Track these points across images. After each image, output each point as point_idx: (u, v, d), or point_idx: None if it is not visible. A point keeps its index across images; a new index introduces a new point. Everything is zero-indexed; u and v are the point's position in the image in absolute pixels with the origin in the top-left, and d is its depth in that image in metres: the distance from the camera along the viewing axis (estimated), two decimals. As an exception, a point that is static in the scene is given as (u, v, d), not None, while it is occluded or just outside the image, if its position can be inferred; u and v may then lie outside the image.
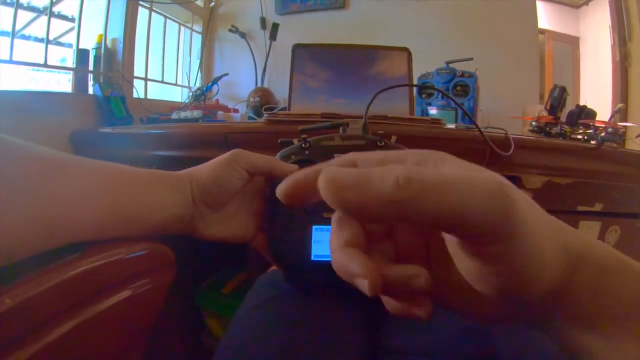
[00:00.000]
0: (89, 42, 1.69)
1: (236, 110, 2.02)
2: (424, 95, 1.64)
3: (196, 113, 1.52)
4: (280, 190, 0.26)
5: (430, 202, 0.20)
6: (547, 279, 0.24)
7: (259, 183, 0.54)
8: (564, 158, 1.12)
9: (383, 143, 0.52)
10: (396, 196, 0.20)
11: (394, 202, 0.20)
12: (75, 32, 1.62)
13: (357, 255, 0.25)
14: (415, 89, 1.56)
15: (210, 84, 1.91)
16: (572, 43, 2.68)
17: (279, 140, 0.61)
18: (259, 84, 2.24)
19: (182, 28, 2.29)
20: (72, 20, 1.65)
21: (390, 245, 0.30)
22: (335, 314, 0.52)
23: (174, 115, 1.55)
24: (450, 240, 0.26)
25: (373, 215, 0.21)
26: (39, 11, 1.52)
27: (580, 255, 0.26)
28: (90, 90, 1.64)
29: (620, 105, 1.66)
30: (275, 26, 2.17)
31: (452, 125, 1.23)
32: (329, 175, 0.21)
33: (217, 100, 2.09)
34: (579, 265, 0.26)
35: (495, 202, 0.20)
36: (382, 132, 0.53)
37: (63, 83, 1.69)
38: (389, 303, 0.29)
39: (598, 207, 1.15)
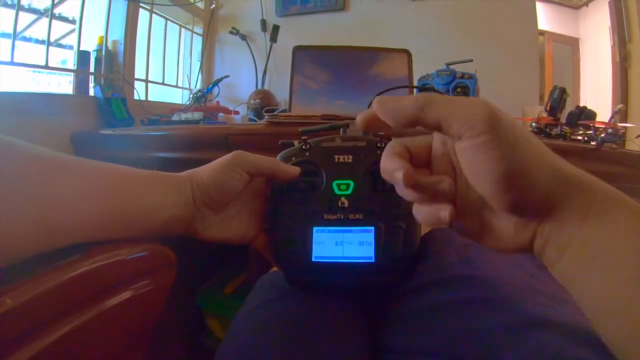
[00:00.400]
0: (90, 44, 1.70)
1: (237, 112, 2.02)
2: (424, 97, 1.64)
3: (197, 115, 1.52)
4: (358, 120, 0.37)
5: (434, 108, 0.31)
6: (537, 184, 0.31)
7: (259, 184, 0.54)
8: (564, 159, 1.12)
9: (383, 144, 0.52)
10: (415, 104, 0.31)
11: (414, 109, 0.31)
12: (76, 33, 1.62)
13: (399, 158, 0.35)
14: (415, 92, 1.56)
15: (210, 85, 1.92)
16: (572, 44, 2.68)
17: (279, 142, 0.61)
18: (259, 86, 2.24)
19: (183, 30, 2.29)
20: (73, 22, 1.65)
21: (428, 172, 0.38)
22: (337, 315, 0.52)
23: (175, 117, 1.56)
24: (459, 150, 0.33)
25: (404, 118, 0.32)
26: (40, 13, 1.52)
27: (568, 179, 0.32)
28: (91, 92, 1.64)
29: (620, 106, 1.66)
30: (275, 28, 2.17)
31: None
32: (378, 98, 0.34)
33: (218, 102, 2.09)
34: (569, 188, 0.32)
35: (477, 108, 0.30)
36: (382, 133, 0.54)
37: (64, 85, 1.69)
38: (419, 212, 0.37)
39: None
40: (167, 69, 2.18)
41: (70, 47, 1.65)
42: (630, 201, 0.31)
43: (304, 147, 0.53)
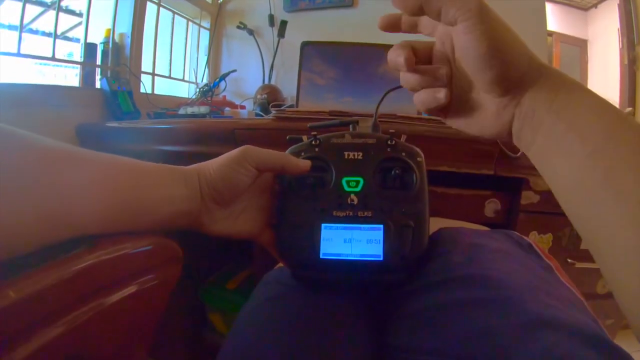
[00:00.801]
0: (97, 37, 1.69)
1: (243, 107, 2.01)
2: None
3: (203, 109, 1.52)
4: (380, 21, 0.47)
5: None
6: (515, 63, 0.39)
7: (267, 179, 0.54)
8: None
9: (393, 142, 0.52)
10: None
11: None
12: (83, 26, 1.62)
13: (402, 48, 0.43)
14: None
15: (217, 80, 1.91)
16: (580, 45, 2.67)
17: (287, 137, 0.61)
18: (266, 81, 2.24)
19: (190, 24, 2.29)
20: (80, 15, 1.65)
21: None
22: (343, 311, 0.52)
23: (181, 111, 1.55)
24: (454, 33, 0.40)
25: (414, 5, 0.38)
26: (47, 5, 1.52)
27: (542, 65, 0.40)
28: (98, 85, 1.64)
29: (628, 109, 1.65)
30: (283, 23, 2.16)
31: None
32: None
33: (224, 96, 2.09)
34: (542, 72, 0.40)
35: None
36: (393, 130, 0.53)
37: (70, 78, 1.69)
38: (419, 96, 0.45)
39: (605, 211, 1.14)
40: (174, 63, 2.17)
41: (77, 40, 1.65)
42: (591, 90, 0.38)
43: (313, 142, 0.53)
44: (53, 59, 1.48)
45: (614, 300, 0.34)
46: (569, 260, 1.15)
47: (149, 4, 1.85)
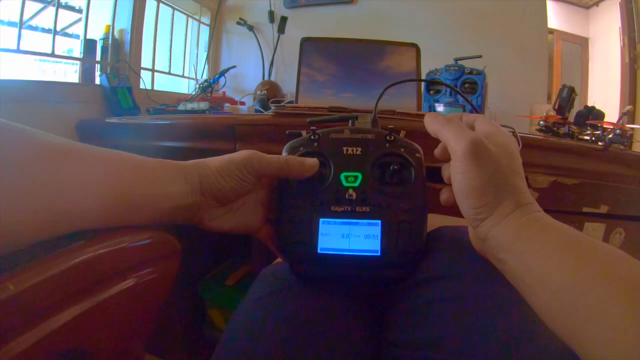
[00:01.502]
0: (96, 33, 1.70)
1: (243, 103, 2.02)
2: (431, 92, 1.63)
3: (203, 105, 1.52)
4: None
5: (442, 134, 0.46)
6: (491, 203, 0.42)
7: None
8: (571, 158, 1.11)
9: (392, 137, 0.52)
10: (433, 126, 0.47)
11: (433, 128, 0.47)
12: (82, 22, 1.62)
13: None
14: (423, 86, 1.55)
15: (217, 76, 1.91)
16: (581, 44, 2.66)
17: (287, 132, 0.61)
18: (266, 77, 2.24)
19: (190, 20, 2.29)
20: (79, 11, 1.65)
21: None
22: (341, 306, 0.52)
23: (181, 107, 1.55)
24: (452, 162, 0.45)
25: (431, 132, 0.48)
26: (46, 2, 1.52)
27: (519, 203, 0.42)
28: (97, 81, 1.65)
29: (628, 107, 1.65)
30: (283, 19, 2.16)
31: (459, 123, 1.22)
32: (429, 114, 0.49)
33: (224, 92, 2.09)
34: (517, 210, 0.42)
35: (462, 143, 0.42)
36: (392, 126, 0.53)
37: (70, 74, 1.69)
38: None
39: (603, 209, 1.14)
40: (174, 59, 2.18)
41: (77, 37, 1.65)
42: (560, 227, 0.41)
43: (312, 137, 0.53)
44: (53, 55, 1.48)
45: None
46: (567, 257, 1.15)
47: (148, 0, 1.85)
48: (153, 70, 1.98)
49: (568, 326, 0.34)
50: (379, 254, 0.47)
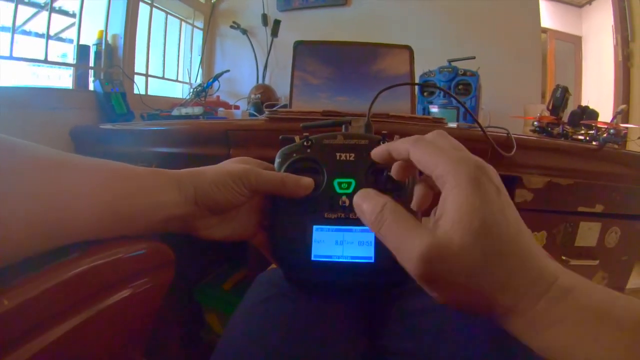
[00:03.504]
0: (89, 38, 1.69)
1: (237, 107, 2.01)
2: (425, 94, 1.64)
3: (197, 109, 1.52)
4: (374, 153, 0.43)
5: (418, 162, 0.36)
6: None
7: None
8: (566, 159, 1.12)
9: (385, 143, 0.52)
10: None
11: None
12: (76, 27, 1.61)
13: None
14: (417, 88, 1.55)
15: (211, 80, 1.91)
16: (574, 42, 2.67)
17: (280, 137, 0.60)
18: (260, 81, 2.24)
19: (184, 24, 2.28)
20: (72, 15, 1.65)
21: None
22: (335, 313, 0.52)
23: (175, 112, 1.55)
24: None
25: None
26: (39, 7, 1.51)
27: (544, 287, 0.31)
28: (91, 87, 1.64)
29: (622, 106, 1.66)
30: (277, 23, 2.16)
31: (453, 124, 1.23)
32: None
33: (218, 96, 2.09)
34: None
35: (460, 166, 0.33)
36: (386, 132, 0.53)
37: (64, 78, 1.68)
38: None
39: (599, 208, 1.15)
40: (167, 63, 2.17)
41: (70, 41, 1.64)
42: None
43: (305, 143, 0.52)
44: (46, 61, 1.47)
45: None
46: (563, 258, 1.16)
47: (141, 4, 1.85)
48: (147, 75, 1.98)
49: None
50: (372, 260, 0.47)
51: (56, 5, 1.53)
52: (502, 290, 0.31)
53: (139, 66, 1.90)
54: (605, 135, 1.18)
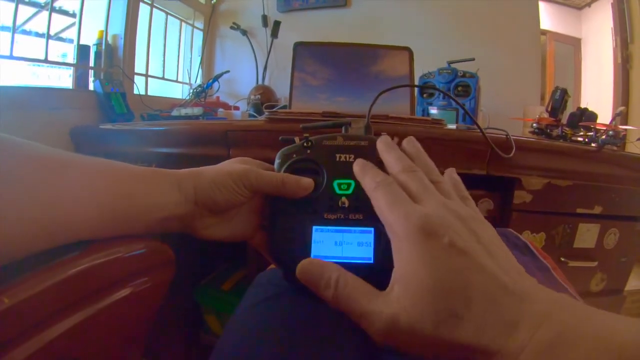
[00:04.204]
0: (90, 38, 1.69)
1: (237, 108, 2.02)
2: (425, 95, 1.64)
3: (197, 110, 1.52)
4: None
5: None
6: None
7: None
8: (565, 160, 1.12)
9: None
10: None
11: None
12: (76, 27, 1.61)
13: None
14: (416, 89, 1.56)
15: (211, 81, 1.91)
16: (574, 44, 2.68)
17: (280, 138, 0.61)
18: (259, 82, 2.24)
19: (184, 24, 2.28)
20: (73, 15, 1.65)
21: None
22: (334, 314, 0.52)
23: (175, 112, 1.55)
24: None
25: None
26: (39, 6, 1.51)
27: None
28: (91, 87, 1.64)
29: (621, 108, 1.66)
30: (277, 24, 2.17)
31: (452, 126, 1.23)
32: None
33: (218, 97, 2.09)
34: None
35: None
36: (385, 133, 0.53)
37: (64, 78, 1.68)
38: None
39: (597, 209, 1.15)
40: (167, 64, 2.17)
41: (71, 41, 1.65)
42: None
43: (305, 144, 0.53)
44: (46, 61, 1.47)
45: (607, 298, 0.34)
46: (562, 259, 1.16)
47: (141, 5, 1.85)
48: (147, 76, 1.98)
49: None
50: (372, 261, 0.47)
51: (56, 5, 1.53)
52: (472, 354, 0.30)
53: (139, 66, 1.90)
54: (604, 137, 1.18)
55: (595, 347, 0.27)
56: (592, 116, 1.37)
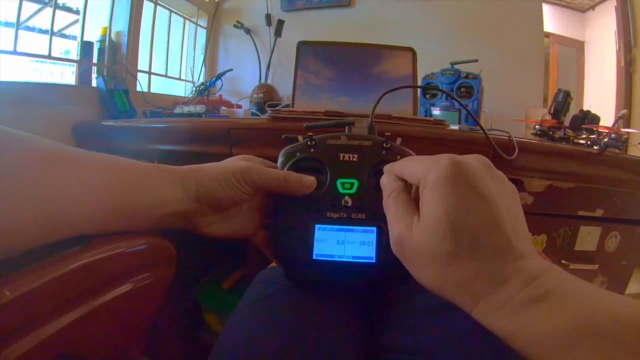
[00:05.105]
0: (93, 35, 1.69)
1: (239, 106, 2.01)
2: (427, 96, 1.64)
3: (199, 108, 1.52)
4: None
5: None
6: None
7: None
8: (567, 162, 1.12)
9: (389, 145, 0.52)
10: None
11: None
12: (79, 24, 1.62)
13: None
14: (419, 90, 1.56)
15: (214, 79, 1.91)
16: (577, 47, 2.68)
17: (283, 136, 0.61)
18: (262, 81, 2.24)
19: (187, 22, 2.28)
20: (76, 12, 1.65)
21: None
22: (336, 311, 0.52)
23: (177, 110, 1.55)
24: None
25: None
26: (43, 3, 1.52)
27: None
28: (94, 83, 1.64)
29: (623, 111, 1.66)
30: (280, 23, 2.16)
31: (455, 127, 1.23)
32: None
33: (221, 95, 2.09)
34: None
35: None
36: (389, 133, 0.53)
37: (67, 75, 1.69)
38: None
39: (599, 212, 1.15)
40: (171, 61, 2.17)
41: (74, 38, 1.65)
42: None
43: (309, 142, 0.53)
44: (49, 57, 1.48)
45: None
46: (563, 262, 1.16)
47: (145, 2, 1.85)
48: (150, 73, 1.98)
49: None
50: (374, 260, 0.47)
51: (60, 1, 1.54)
52: (461, 293, 0.34)
53: (142, 64, 1.90)
54: (606, 139, 1.18)
55: (581, 311, 0.28)
56: (595, 119, 1.37)
